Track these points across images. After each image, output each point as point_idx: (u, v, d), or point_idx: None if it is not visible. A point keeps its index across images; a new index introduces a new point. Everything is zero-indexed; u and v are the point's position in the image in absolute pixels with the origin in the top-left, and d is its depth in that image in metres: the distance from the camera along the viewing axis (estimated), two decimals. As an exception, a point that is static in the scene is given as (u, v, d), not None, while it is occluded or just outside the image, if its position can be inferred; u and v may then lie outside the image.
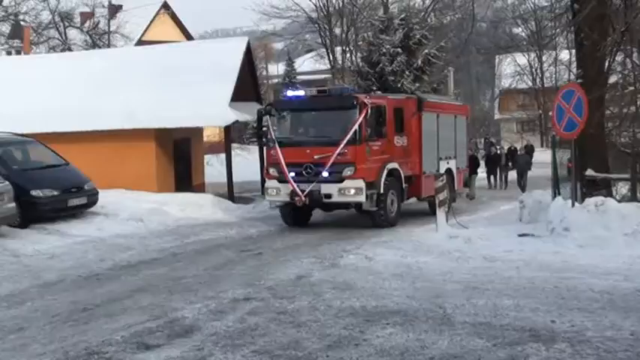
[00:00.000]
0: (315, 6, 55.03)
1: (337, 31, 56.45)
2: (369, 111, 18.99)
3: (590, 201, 15.88)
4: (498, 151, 37.56)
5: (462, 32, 47.46)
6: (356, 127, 18.81)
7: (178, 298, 11.25)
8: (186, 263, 14.83)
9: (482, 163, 34.84)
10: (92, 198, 20.97)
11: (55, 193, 19.88)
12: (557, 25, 25.70)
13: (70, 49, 50.47)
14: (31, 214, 19.25)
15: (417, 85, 32.82)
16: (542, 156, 43.49)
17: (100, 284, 12.88)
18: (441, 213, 17.86)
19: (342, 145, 18.74)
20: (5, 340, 9.40)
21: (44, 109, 26.77)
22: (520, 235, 16.08)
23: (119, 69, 28.76)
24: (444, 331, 8.94)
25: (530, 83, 71.19)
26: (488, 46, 66.63)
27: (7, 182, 18.25)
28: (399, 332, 8.95)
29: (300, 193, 18.96)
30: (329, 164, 18.80)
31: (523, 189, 29.47)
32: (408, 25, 34.29)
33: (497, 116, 78.64)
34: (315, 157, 18.98)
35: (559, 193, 17.96)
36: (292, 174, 19.19)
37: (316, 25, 56.78)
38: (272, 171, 19.88)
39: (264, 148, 21.30)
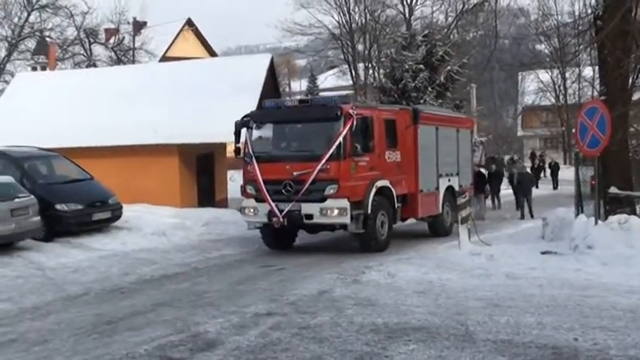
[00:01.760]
0: (338, 23, 55.45)
1: (360, 47, 56.72)
2: (355, 123, 17.23)
3: (614, 219, 15.83)
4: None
5: (485, 49, 47.55)
6: (340, 140, 17.14)
7: (201, 313, 11.31)
8: (208, 278, 14.90)
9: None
10: (116, 212, 21.15)
11: (80, 207, 20.07)
12: (580, 42, 25.65)
13: (94, 65, 50.91)
14: (56, 227, 19.50)
15: (440, 101, 32.85)
16: (563, 173, 43.34)
17: (124, 298, 12.98)
18: (463, 230, 17.69)
19: (323, 161, 17.13)
20: (30, 351, 9.50)
21: (69, 124, 27.07)
22: (543, 253, 16.01)
23: (144, 85, 29.02)
24: (465, 348, 8.93)
25: (553, 100, 71.00)
26: (511, 63, 66.61)
27: (32, 196, 18.48)
28: (421, 349, 8.95)
29: (278, 213, 17.42)
30: (309, 181, 17.22)
31: (530, 211, 27.27)
32: (430, 41, 34.41)
33: (520, 133, 78.55)
34: (295, 173, 17.38)
35: (582, 211, 17.89)
36: (271, 192, 17.61)
37: (339, 42, 57.09)
38: (249, 189, 18.26)
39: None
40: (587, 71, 55.69)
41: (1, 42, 53.05)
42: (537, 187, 42.23)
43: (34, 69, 46.37)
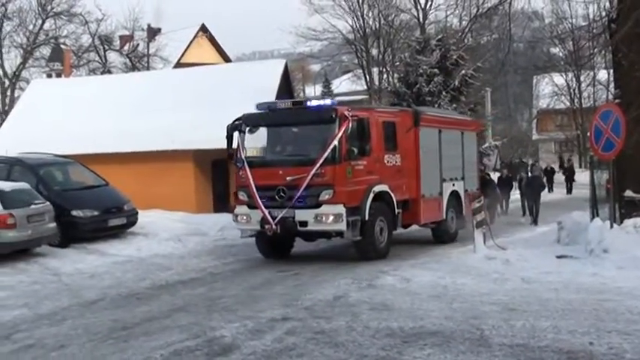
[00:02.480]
0: (352, 28, 55.32)
1: (374, 52, 56.63)
2: (350, 125, 16.64)
3: (629, 222, 15.78)
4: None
5: (499, 52, 47.42)
6: (335, 143, 16.45)
7: (217, 318, 11.36)
8: (224, 283, 14.95)
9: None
10: (132, 218, 21.26)
11: (95, 213, 20.19)
12: (594, 45, 25.58)
13: (109, 72, 51.15)
14: (72, 233, 19.60)
15: (454, 105, 32.78)
16: (578, 177, 43.05)
17: (140, 303, 13.05)
18: (478, 234, 17.60)
19: (318, 165, 16.44)
20: (47, 357, 9.61)
21: (84, 130, 27.19)
22: (558, 257, 15.98)
23: (158, 91, 29.16)
24: (481, 353, 8.93)
25: (568, 103, 70.75)
26: (526, 67, 66.40)
27: (48, 202, 18.59)
28: (437, 353, 8.96)
29: (270, 220, 16.73)
30: (303, 186, 16.52)
31: (535, 218, 26.63)
32: (444, 45, 34.38)
33: (535, 137, 78.23)
34: (288, 178, 16.70)
35: (597, 215, 17.82)
36: (264, 198, 16.91)
37: (353, 47, 57.00)
38: (241, 195, 17.56)
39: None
40: (602, 74, 55.44)
41: (16, 49, 53.42)
42: (551, 190, 42.07)
43: (49, 76, 46.70)
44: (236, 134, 18.03)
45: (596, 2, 21.28)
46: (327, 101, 18.08)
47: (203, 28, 60.05)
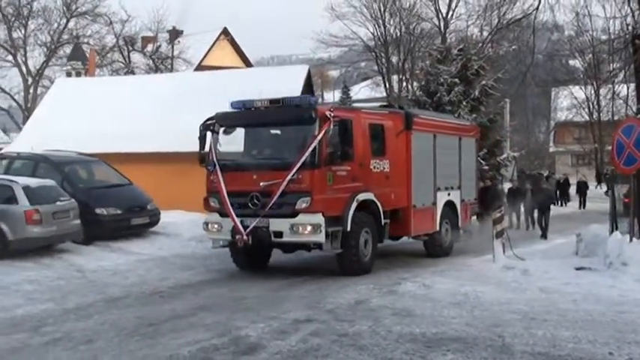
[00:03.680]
0: (373, 35, 55.55)
1: (394, 59, 56.80)
2: (332, 126, 15.18)
3: (649, 236, 15.87)
4: None
5: (519, 63, 47.49)
6: (314, 145, 15.09)
7: (241, 317, 11.55)
8: (246, 284, 15.14)
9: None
10: (154, 218, 21.51)
11: (119, 211, 20.45)
12: (615, 60, 25.64)
13: (133, 73, 51.52)
14: (95, 231, 19.82)
15: (474, 115, 32.81)
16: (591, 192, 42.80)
17: (164, 301, 13.28)
18: (498, 244, 17.70)
19: (294, 170, 15.07)
20: (76, 350, 9.83)
21: (109, 130, 27.48)
22: (577, 269, 16.06)
23: (181, 93, 29.39)
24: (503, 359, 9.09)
25: (586, 116, 70.62)
26: (545, 79, 66.37)
27: (73, 200, 18.84)
28: (460, 359, 9.13)
29: (242, 230, 15.39)
30: (278, 193, 15.15)
31: (544, 230, 26.04)
32: (465, 55, 34.40)
33: (552, 149, 78.18)
34: (262, 184, 15.32)
35: (617, 228, 17.91)
36: (236, 206, 15.60)
37: (373, 54, 57.19)
38: (212, 201, 16.30)
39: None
40: (622, 88, 55.35)
41: (40, 47, 53.92)
42: (565, 204, 42.01)
43: (69, 75, 46.99)
44: (209, 135, 16.78)
45: (620, 18, 21.32)
46: (308, 99, 16.95)
47: (225, 32, 60.37)
